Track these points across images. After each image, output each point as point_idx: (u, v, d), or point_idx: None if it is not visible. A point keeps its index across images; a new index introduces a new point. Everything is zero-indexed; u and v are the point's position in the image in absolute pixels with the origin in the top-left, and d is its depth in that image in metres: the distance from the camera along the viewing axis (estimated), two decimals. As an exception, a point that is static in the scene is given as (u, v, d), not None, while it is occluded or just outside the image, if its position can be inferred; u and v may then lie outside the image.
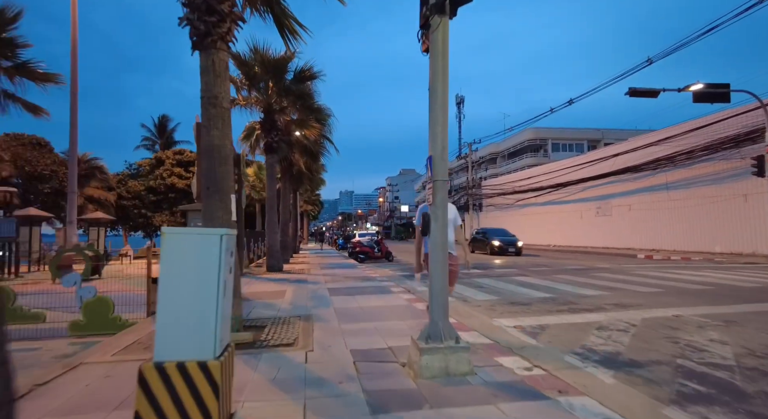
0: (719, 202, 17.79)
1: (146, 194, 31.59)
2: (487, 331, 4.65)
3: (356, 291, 8.10)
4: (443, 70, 3.54)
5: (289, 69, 12.34)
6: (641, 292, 7.55)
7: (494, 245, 20.36)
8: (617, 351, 3.95)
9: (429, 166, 3.56)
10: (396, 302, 6.77)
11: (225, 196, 4.89)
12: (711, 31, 14.11)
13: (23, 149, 25.54)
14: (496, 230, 23.22)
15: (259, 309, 6.34)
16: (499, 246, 20.27)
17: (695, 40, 14.01)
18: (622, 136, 41.12)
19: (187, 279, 2.37)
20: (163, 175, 31.34)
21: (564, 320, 5.39)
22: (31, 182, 25.95)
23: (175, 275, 2.37)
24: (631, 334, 4.54)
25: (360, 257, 17.75)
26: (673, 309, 5.81)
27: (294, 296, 7.58)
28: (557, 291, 7.86)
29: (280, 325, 5.22)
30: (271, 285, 9.23)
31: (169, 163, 31.34)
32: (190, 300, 2.37)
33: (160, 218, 31.07)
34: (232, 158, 5.20)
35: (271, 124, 12.52)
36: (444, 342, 3.40)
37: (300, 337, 4.62)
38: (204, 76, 4.90)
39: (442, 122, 3.54)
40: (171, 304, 2.35)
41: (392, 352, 3.98)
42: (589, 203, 26.35)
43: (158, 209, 31.60)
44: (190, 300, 2.37)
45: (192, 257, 2.41)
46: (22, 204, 22.18)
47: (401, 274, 11.83)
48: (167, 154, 32.65)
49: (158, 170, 31.75)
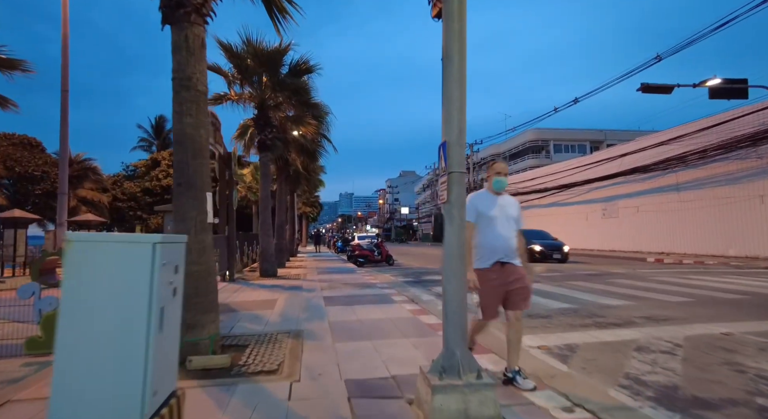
0: (734, 203, 17.06)
1: (142, 196, 30.89)
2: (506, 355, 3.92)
3: (354, 300, 7.38)
4: (460, 35, 2.84)
5: (285, 62, 11.64)
6: (670, 302, 6.82)
7: (535, 251, 16.76)
8: (673, 384, 3.22)
9: (443, 154, 2.85)
10: (398, 314, 6.05)
11: (199, 193, 4.18)
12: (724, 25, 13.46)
13: (13, 149, 24.84)
14: (535, 232, 19.09)
15: (244, 323, 5.62)
16: (541, 251, 16.78)
17: (707, 35, 13.32)
18: (625, 136, 40.51)
19: (101, 307, 1.64)
20: (159, 176, 30.65)
21: (593, 337, 4.66)
22: (22, 183, 25.26)
23: (83, 301, 1.64)
24: (681, 359, 3.82)
25: (359, 261, 17.03)
26: (717, 325, 5.08)
27: (286, 306, 6.86)
28: (576, 300, 7.14)
29: (265, 344, 4.50)
30: (263, 292, 8.51)
31: (165, 164, 30.63)
32: (104, 338, 1.65)
33: (156, 220, 30.37)
34: (209, 150, 4.49)
35: (265, 121, 11.81)
36: (463, 377, 2.68)
37: (286, 361, 3.90)
38: (176, 54, 4.20)
39: (459, 99, 2.83)
40: (75, 344, 1.62)
41: (396, 383, 3.26)
42: (594, 204, 25.64)
43: (154, 211, 30.88)
44: (105, 338, 1.64)
45: (109, 275, 1.67)
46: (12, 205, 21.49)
47: (403, 280, 11.11)
48: (163, 154, 31.97)
49: (154, 171, 31.07)
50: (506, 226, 3.21)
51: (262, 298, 7.71)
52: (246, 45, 10.96)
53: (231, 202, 10.93)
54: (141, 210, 30.77)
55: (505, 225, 3.21)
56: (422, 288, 9.27)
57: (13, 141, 25.48)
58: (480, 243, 3.23)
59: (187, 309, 4.03)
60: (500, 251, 3.18)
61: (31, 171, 25.04)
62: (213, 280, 4.28)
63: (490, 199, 3.27)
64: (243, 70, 11.20)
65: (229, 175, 10.81)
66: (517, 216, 3.31)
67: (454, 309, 2.78)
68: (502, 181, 3.28)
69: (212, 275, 4.25)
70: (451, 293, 2.78)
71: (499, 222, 3.19)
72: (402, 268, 15.29)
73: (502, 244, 3.18)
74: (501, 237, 3.18)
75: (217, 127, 9.37)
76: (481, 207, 3.23)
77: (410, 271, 13.86)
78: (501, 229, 3.19)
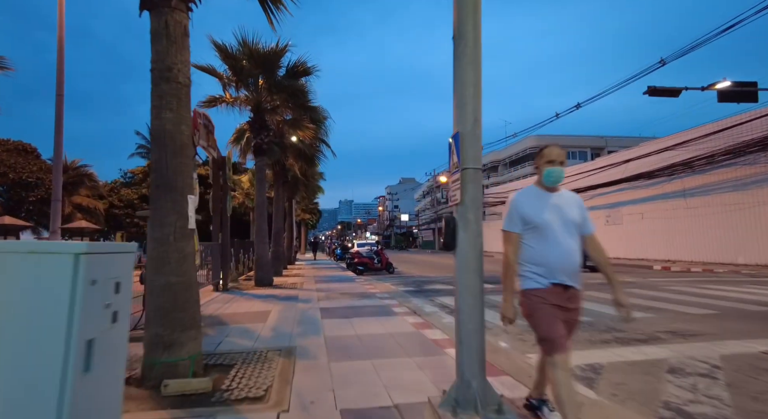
0: (743, 209, 16.63)
1: (139, 203, 30.48)
2: (524, 378, 3.48)
3: (353, 311, 6.92)
4: (475, 8, 2.43)
5: (282, 64, 11.30)
6: (693, 315, 6.36)
7: None
8: (724, 418, 2.76)
9: (454, 147, 2.43)
10: (400, 328, 5.59)
11: (179, 195, 3.75)
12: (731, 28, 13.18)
13: (7, 155, 24.45)
14: None
15: (233, 338, 5.16)
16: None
17: (713, 38, 13.02)
18: (626, 143, 40.26)
19: (6, 340, 1.21)
20: (155, 182, 30.23)
21: (617, 356, 4.21)
22: (16, 190, 24.83)
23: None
24: (724, 384, 3.36)
25: (359, 269, 16.55)
26: (753, 343, 4.61)
27: (279, 318, 6.39)
28: (589, 312, 6.68)
29: (253, 363, 4.04)
30: (256, 303, 8.04)
31: (162, 170, 30.23)
32: (7, 383, 1.20)
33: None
34: (192, 149, 4.07)
35: (261, 124, 11.43)
36: (480, 411, 2.24)
37: (274, 385, 3.44)
38: (155, 43, 3.80)
39: (473, 83, 2.41)
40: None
41: (399, 414, 2.80)
42: (597, 211, 25.21)
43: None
44: (8, 382, 1.20)
45: (18, 296, 1.24)
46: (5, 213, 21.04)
47: (404, 290, 10.64)
48: (160, 161, 31.55)
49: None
50: (566, 235, 2.30)
51: (254, 310, 7.25)
52: (241, 46, 10.62)
53: (225, 207, 10.50)
54: (138, 217, 30.33)
55: (565, 233, 2.30)
56: (424, 299, 8.80)
57: (8, 147, 25.11)
58: (529, 261, 2.33)
59: (164, 326, 3.59)
60: (560, 271, 2.28)
61: (25, 177, 24.63)
62: (194, 293, 3.84)
63: (541, 198, 2.36)
64: (238, 71, 10.85)
65: (223, 179, 10.40)
66: (583, 219, 2.41)
67: (469, 332, 2.33)
68: (557, 173, 2.32)
69: (193, 287, 3.81)
70: (466, 312, 2.34)
71: (557, 229, 2.29)
72: (402, 277, 14.82)
73: (561, 261, 2.28)
74: (560, 251, 2.28)
75: (211, 129, 8.97)
76: (528, 210, 2.33)
77: (411, 280, 13.39)
78: (560, 240, 2.29)
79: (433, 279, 13.27)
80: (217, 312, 6.94)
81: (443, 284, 11.71)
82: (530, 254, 2.32)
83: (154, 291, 3.65)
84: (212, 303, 7.93)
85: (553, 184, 2.36)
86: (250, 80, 11.20)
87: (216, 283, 9.99)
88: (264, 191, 11.82)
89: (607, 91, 18.89)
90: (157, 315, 3.61)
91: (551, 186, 2.38)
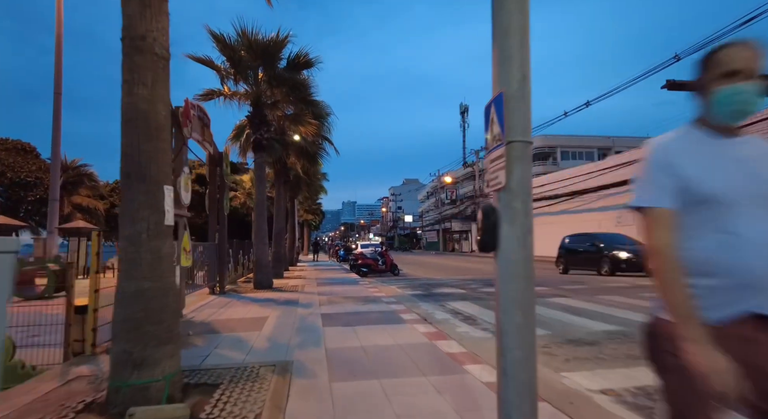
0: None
1: (139, 203, 30.00)
2: (564, 405, 2.86)
3: (357, 319, 6.32)
4: (522, -70, 1.84)
5: (282, 55, 10.74)
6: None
7: (619, 259, 12.86)
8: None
9: (495, 114, 1.83)
10: (411, 338, 4.99)
11: (153, 186, 3.17)
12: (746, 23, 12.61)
13: (6, 154, 24.05)
14: (611, 236, 14.93)
15: (223, 349, 4.58)
16: (629, 259, 12.67)
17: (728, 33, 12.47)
18: (633, 143, 39.56)
19: None
20: (156, 182, 29.80)
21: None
22: (14, 189, 24.41)
23: None
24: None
25: (362, 270, 15.97)
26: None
27: (276, 326, 5.81)
28: (620, 320, 6.06)
29: (241, 383, 3.45)
30: (253, 308, 7.46)
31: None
32: None
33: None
34: (169, 132, 3.49)
35: (261, 118, 10.87)
36: (534, 471, 1.63)
37: (264, 413, 2.85)
38: (126, 6, 3.22)
39: (520, 28, 1.82)
40: None
41: (418, 459, 2.20)
42: (608, 212, 24.51)
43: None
44: None
45: None
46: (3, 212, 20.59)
47: (411, 293, 10.03)
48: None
49: (152, 177, 30.23)
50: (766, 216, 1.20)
51: (250, 316, 6.67)
52: (240, 36, 10.09)
53: (222, 206, 9.94)
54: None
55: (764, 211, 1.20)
56: (434, 304, 8.19)
57: (6, 146, 24.72)
58: (698, 260, 1.21)
59: (134, 341, 3.00)
60: (758, 282, 1.17)
61: (23, 177, 24.23)
62: (172, 301, 3.25)
63: (714, 149, 1.26)
64: (237, 63, 10.30)
65: (220, 176, 9.84)
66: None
67: (516, 361, 1.73)
68: (747, 95, 1.19)
69: (170, 294, 3.22)
70: (512, 334, 1.73)
71: (751, 207, 1.20)
72: (408, 279, 14.20)
73: (764, 268, 1.16)
74: (761, 248, 1.17)
75: (206, 123, 8.42)
76: (689, 171, 1.23)
77: (418, 283, 12.77)
78: (760, 226, 1.18)
79: (442, 282, 12.65)
80: (210, 319, 6.37)
81: (453, 287, 11.08)
82: (699, 250, 1.21)
83: (124, 299, 3.07)
84: (206, 308, 7.36)
85: (739, 117, 1.24)
86: (249, 72, 10.66)
87: (212, 286, 9.43)
88: (264, 189, 11.25)
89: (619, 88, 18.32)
90: (126, 328, 3.03)
91: (733, 122, 1.26)
